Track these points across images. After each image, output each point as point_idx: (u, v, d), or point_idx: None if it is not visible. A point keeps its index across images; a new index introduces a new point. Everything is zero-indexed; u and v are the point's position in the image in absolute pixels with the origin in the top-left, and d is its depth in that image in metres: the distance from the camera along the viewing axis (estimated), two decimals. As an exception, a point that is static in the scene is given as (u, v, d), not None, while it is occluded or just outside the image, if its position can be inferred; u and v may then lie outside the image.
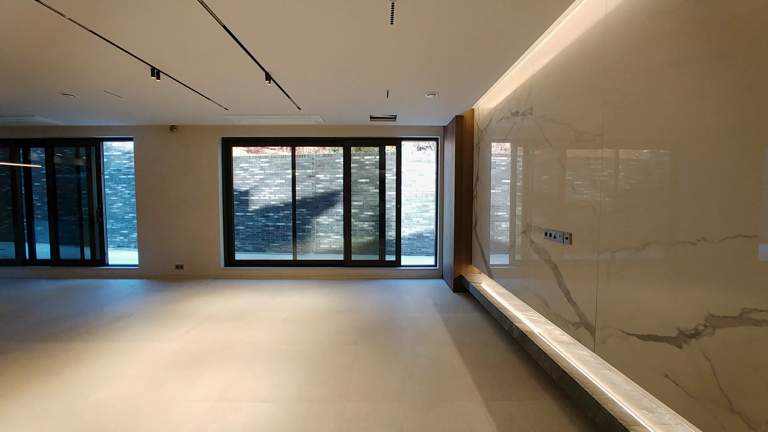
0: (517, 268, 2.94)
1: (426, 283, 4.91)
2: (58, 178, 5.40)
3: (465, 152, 4.37)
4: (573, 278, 2.12)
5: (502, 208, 3.36)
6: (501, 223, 3.38)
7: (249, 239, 8.52)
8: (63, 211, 5.44)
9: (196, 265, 5.23)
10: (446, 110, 4.17)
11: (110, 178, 9.11)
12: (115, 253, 8.34)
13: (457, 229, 4.41)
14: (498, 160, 3.48)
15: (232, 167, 5.41)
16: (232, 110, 4.20)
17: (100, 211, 5.42)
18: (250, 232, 8.53)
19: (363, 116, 4.52)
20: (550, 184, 2.41)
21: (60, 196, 5.42)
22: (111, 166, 9.24)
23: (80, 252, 5.45)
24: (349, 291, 4.49)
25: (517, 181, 3.00)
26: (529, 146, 2.73)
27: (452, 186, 4.49)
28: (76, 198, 5.42)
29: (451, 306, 3.88)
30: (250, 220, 8.51)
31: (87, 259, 5.42)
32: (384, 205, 5.48)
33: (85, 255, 5.43)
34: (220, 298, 4.17)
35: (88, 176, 5.39)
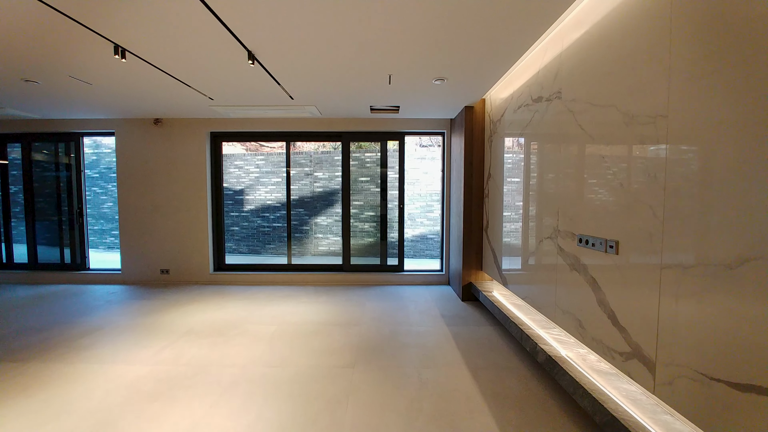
0: (540, 279, 2.52)
1: (431, 290, 4.50)
2: (36, 176, 5.02)
3: (475, 147, 3.96)
4: (620, 296, 1.70)
5: (519, 209, 2.95)
6: (518, 225, 2.97)
7: (244, 241, 8.13)
8: (41, 211, 5.06)
9: (182, 270, 4.85)
10: (454, 100, 3.76)
11: (100, 176, 8.76)
12: (106, 255, 7.99)
13: (466, 231, 4.00)
14: (514, 154, 3.07)
15: (222, 164, 5.01)
16: (217, 100, 3.80)
17: (80, 210, 5.04)
18: (245, 233, 8.14)
19: (362, 107, 4.11)
20: (584, 181, 2.00)
21: (38, 195, 5.04)
22: (102, 164, 8.89)
23: (60, 255, 5.07)
24: (348, 299, 4.09)
25: (538, 178, 2.59)
26: (555, 137, 2.32)
27: (461, 184, 4.08)
28: (56, 197, 5.04)
29: (460, 318, 3.47)
30: (245, 221, 8.12)
31: (67, 263, 5.05)
32: (386, 205, 5.07)
33: (65, 258, 5.06)
34: (205, 307, 3.77)
35: (68, 173, 5.01)
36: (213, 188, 4.93)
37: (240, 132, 4.86)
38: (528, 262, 2.75)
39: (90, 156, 8.67)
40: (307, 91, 3.48)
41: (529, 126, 2.72)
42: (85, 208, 5.09)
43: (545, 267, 2.46)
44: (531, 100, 2.69)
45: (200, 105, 4.02)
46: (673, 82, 1.40)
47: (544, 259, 2.47)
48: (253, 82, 3.18)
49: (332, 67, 2.84)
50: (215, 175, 4.95)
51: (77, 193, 5.02)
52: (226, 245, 8.20)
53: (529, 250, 2.74)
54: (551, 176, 2.39)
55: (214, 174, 4.93)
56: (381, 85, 3.27)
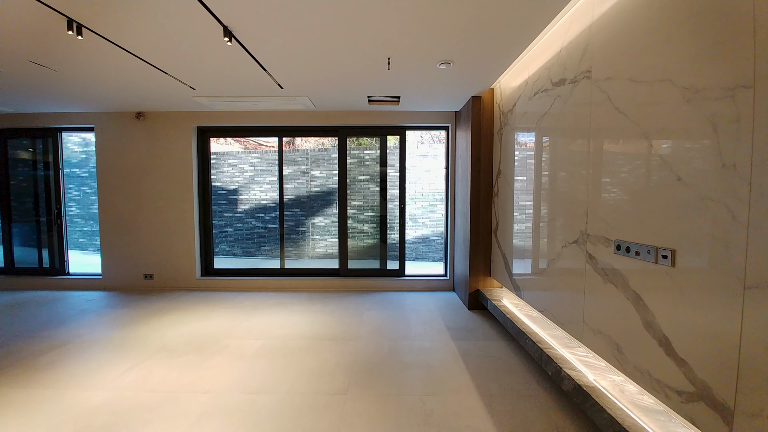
0: (562, 291, 2.17)
1: (435, 297, 4.15)
2: (12, 175, 4.70)
3: (483, 141, 3.61)
4: (678, 319, 1.35)
5: (533, 210, 2.60)
6: (533, 227, 2.62)
7: (239, 242, 7.80)
8: (18, 212, 4.74)
9: (167, 275, 4.51)
10: (460, 89, 3.41)
11: (89, 175, 8.44)
12: (95, 258, 7.67)
13: (473, 233, 3.65)
14: (527, 148, 2.72)
15: (210, 161, 4.68)
16: (200, 90, 3.46)
17: (59, 212, 4.72)
18: (239, 234, 7.80)
19: (360, 98, 3.77)
20: (623, 174, 1.65)
21: (15, 195, 4.72)
22: (91, 162, 8.57)
23: (38, 259, 4.75)
24: (344, 308, 3.74)
25: (557, 175, 2.24)
26: (581, 124, 1.97)
27: (467, 182, 3.73)
28: (33, 197, 4.72)
29: (468, 330, 3.12)
30: (239, 222, 7.79)
31: (46, 267, 4.73)
32: (386, 205, 4.73)
33: (43, 263, 4.74)
34: (186, 317, 3.44)
35: (47, 172, 4.69)
36: (200, 187, 4.59)
37: (229, 127, 4.53)
38: (546, 270, 2.40)
39: (79, 154, 8.37)
40: (297, 79, 3.14)
41: (548, 114, 2.37)
42: (64, 209, 4.77)
43: (569, 277, 2.11)
44: (551, 84, 2.34)
45: (183, 96, 3.69)
46: (762, 40, 1.05)
47: (568, 268, 2.12)
48: (237, 68, 2.84)
49: (322, 49, 2.49)
50: (203, 172, 4.62)
51: (55, 193, 4.70)
52: (220, 247, 7.89)
53: (547, 256, 2.39)
54: (576, 172, 2.03)
55: (201, 171, 4.60)
56: (379, 71, 2.92)
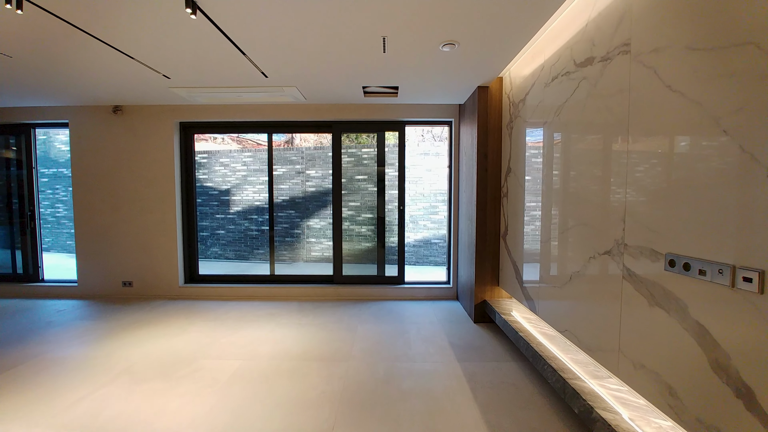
0: (590, 310, 1.82)
1: (437, 307, 3.80)
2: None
3: (491, 136, 3.25)
4: (765, 364, 1.00)
5: (550, 213, 2.25)
6: (549, 233, 2.27)
7: (231, 245, 7.46)
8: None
9: (148, 282, 4.18)
10: (465, 77, 3.06)
11: (77, 175, 8.12)
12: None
13: (479, 238, 3.30)
14: (543, 142, 2.36)
15: (194, 159, 4.34)
16: (176, 80, 3.12)
17: (32, 214, 4.39)
18: (232, 236, 7.47)
19: (354, 89, 3.42)
20: (679, 169, 1.29)
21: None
22: (79, 163, 8.24)
23: (12, 265, 4.43)
24: (337, 320, 3.39)
25: (582, 172, 1.89)
26: (617, 109, 1.62)
27: (472, 182, 3.38)
28: (6, 198, 4.40)
29: (474, 349, 2.77)
30: (231, 224, 7.45)
31: (19, 273, 4.40)
32: (384, 206, 4.38)
33: (17, 268, 4.41)
34: (162, 331, 3.10)
35: (19, 171, 4.36)
36: (184, 187, 4.26)
37: (214, 122, 4.19)
38: (568, 284, 2.05)
39: (66, 153, 8.05)
40: (282, 65, 2.79)
41: (570, 102, 2.01)
42: (38, 211, 4.44)
43: (599, 294, 1.75)
44: (574, 66, 1.99)
45: (159, 88, 3.35)
46: None
47: (597, 284, 1.77)
48: (212, 52, 2.50)
49: (307, 27, 2.15)
50: (186, 171, 4.28)
51: (28, 193, 4.37)
52: (212, 250, 7.56)
53: (569, 267, 2.04)
54: (608, 169, 1.68)
55: (184, 170, 4.26)
56: (374, 54, 2.58)
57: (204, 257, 7.34)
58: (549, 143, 2.32)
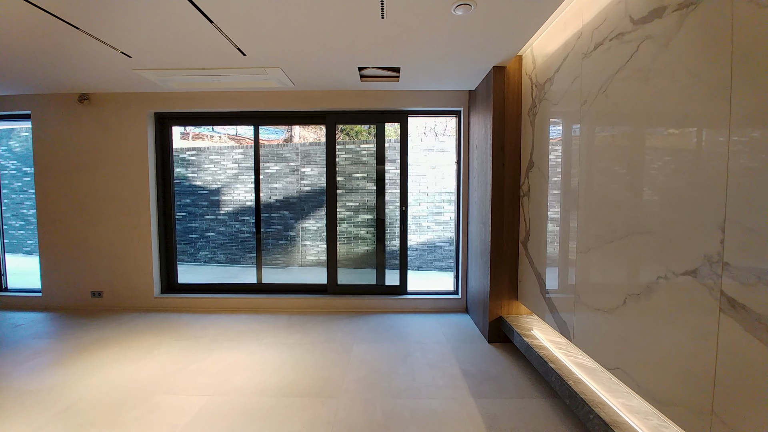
0: (658, 348, 1.35)
1: (444, 322, 3.34)
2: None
3: (509, 125, 2.79)
4: None
5: (591, 215, 1.78)
6: (589, 241, 1.80)
7: (221, 248, 7.01)
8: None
9: (119, 293, 3.73)
10: (479, 55, 2.59)
11: (60, 174, 7.69)
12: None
13: (494, 244, 2.83)
14: (582, 128, 1.90)
15: (172, 154, 3.88)
16: (138, 59, 2.67)
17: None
18: (222, 239, 7.01)
19: (349, 72, 2.96)
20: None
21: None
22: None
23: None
24: (328, 339, 2.94)
25: (650, 164, 1.42)
26: (704, 75, 1.15)
27: (486, 179, 2.92)
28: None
29: (492, 379, 2.30)
30: (222, 225, 6.99)
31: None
32: (384, 207, 3.92)
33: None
34: (124, 354, 2.65)
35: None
36: (160, 185, 3.81)
37: (194, 113, 3.74)
38: (621, 308, 1.58)
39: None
40: (261, 40, 2.33)
41: (625, 72, 1.55)
42: (0, 213, 4.00)
43: (676, 329, 1.29)
44: (630, 23, 1.52)
45: (122, 71, 2.90)
46: None
47: (674, 314, 1.30)
48: (175, 21, 2.05)
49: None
50: (163, 168, 3.83)
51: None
52: (201, 253, 7.11)
53: (624, 287, 1.57)
54: (695, 156, 1.22)
55: (161, 167, 3.81)
56: (371, 21, 2.11)
57: (193, 261, 6.91)
58: (588, 129, 1.85)
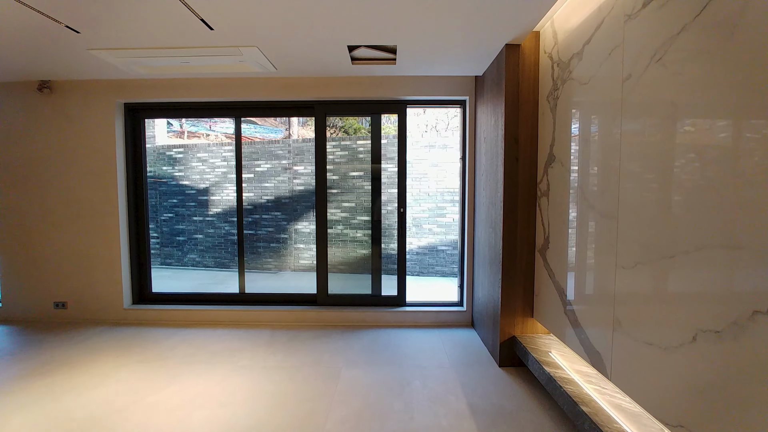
0: (762, 410, 0.96)
1: (448, 339, 2.94)
2: None
3: (523, 113, 2.39)
4: None
5: (636, 221, 1.39)
6: (636, 255, 1.40)
7: (210, 251, 6.61)
8: None
9: (85, 303, 3.35)
10: (489, 29, 2.19)
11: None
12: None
13: (506, 251, 2.43)
14: (623, 109, 1.50)
15: (145, 150, 3.50)
16: (90, 37, 2.27)
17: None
18: (211, 242, 6.61)
19: (338, 52, 2.57)
20: None
21: None
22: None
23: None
24: (315, 361, 2.55)
25: (722, 152, 1.03)
26: None
27: (496, 176, 2.52)
28: None
29: (507, 417, 1.90)
30: (211, 227, 6.59)
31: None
32: (380, 208, 3.52)
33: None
34: (74, 381, 2.26)
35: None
36: (131, 184, 3.42)
37: (168, 103, 3.35)
38: (690, 346, 1.18)
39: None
40: (228, 7, 1.94)
41: (690, 32, 1.15)
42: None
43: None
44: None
45: (77, 52, 2.51)
46: None
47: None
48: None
49: None
50: (135, 165, 3.45)
51: (-58, 192, 3.56)
52: (189, 257, 6.72)
53: (693, 321, 1.17)
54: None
55: (132, 163, 3.42)
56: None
57: (180, 265, 6.53)
58: (635, 109, 1.45)
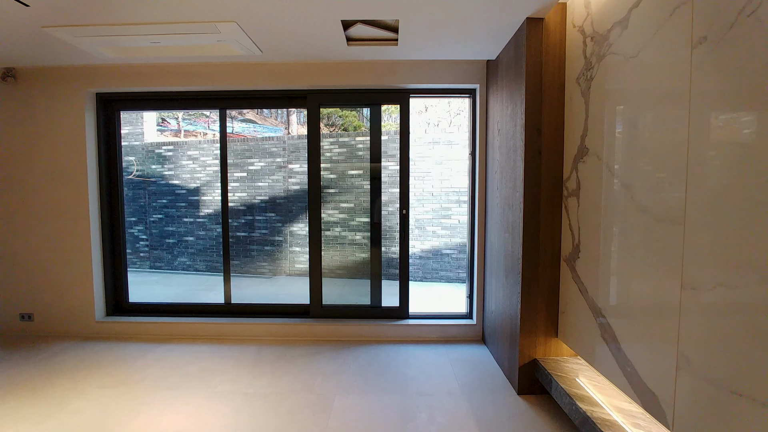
0: None
1: (456, 358, 2.60)
2: None
3: (547, 100, 2.05)
4: None
5: (716, 229, 1.05)
6: (707, 271, 1.06)
7: (201, 254, 6.27)
8: None
9: (54, 315, 3.03)
10: (505, 5, 1.85)
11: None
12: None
13: (527, 260, 2.09)
14: (692, 83, 1.16)
15: (120, 145, 3.18)
16: (42, 11, 1.95)
17: None
18: (202, 244, 6.28)
19: (330, 31, 2.23)
20: None
21: None
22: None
23: None
24: (305, 386, 2.21)
25: None
26: None
27: (514, 173, 2.18)
28: None
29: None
30: (202, 229, 6.25)
31: None
32: (380, 210, 3.18)
33: None
34: (21, 412, 1.93)
35: None
36: (104, 183, 3.09)
37: (145, 93, 3.03)
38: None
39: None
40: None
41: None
42: None
43: None
44: None
45: (31, 30, 2.18)
46: None
47: None
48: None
49: None
50: (109, 162, 3.12)
51: None
52: (179, 260, 6.39)
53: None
54: None
55: (105, 160, 3.10)
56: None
57: (170, 269, 6.21)
58: (714, 81, 1.11)
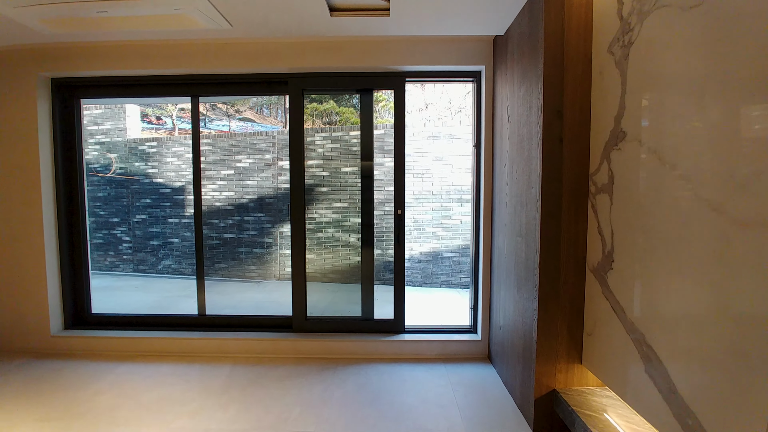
0: None
1: (459, 381, 2.24)
2: None
3: (570, 76, 1.69)
4: None
5: None
6: None
7: (186, 257, 5.93)
8: None
9: (6, 328, 2.68)
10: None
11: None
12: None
13: (545, 269, 1.73)
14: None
15: (81, 137, 2.83)
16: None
17: None
18: (188, 246, 5.96)
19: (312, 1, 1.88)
20: None
21: None
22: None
23: None
24: (281, 418, 1.85)
25: None
26: None
27: (529, 164, 1.83)
28: None
29: None
30: (187, 230, 5.95)
31: None
32: (372, 210, 2.82)
33: None
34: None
35: None
36: (60, 180, 2.75)
37: (106, 77, 2.68)
38: None
39: None
40: None
41: None
42: None
43: None
44: None
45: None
46: None
47: None
48: None
49: None
50: (66, 156, 2.77)
51: None
52: (164, 263, 6.06)
53: None
54: None
55: (62, 154, 2.75)
56: None
57: (155, 273, 5.87)
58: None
